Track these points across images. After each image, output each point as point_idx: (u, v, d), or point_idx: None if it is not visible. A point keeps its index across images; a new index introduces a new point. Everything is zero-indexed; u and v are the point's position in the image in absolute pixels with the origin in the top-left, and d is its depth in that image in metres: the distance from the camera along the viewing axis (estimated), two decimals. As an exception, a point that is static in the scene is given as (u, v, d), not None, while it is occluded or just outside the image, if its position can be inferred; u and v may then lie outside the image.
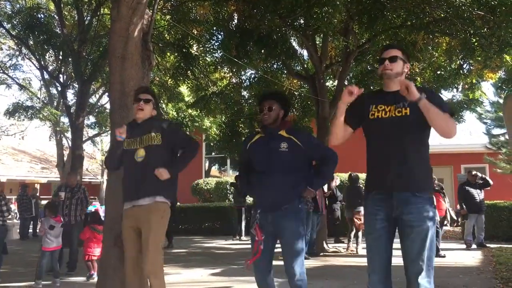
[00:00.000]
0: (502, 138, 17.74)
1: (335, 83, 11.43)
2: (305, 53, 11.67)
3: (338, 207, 10.94)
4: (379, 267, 2.79)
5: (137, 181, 3.58)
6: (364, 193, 2.99)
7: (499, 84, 11.24)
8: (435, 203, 2.89)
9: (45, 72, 15.76)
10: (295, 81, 12.19)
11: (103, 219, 7.09)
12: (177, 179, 3.76)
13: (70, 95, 19.69)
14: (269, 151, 3.38)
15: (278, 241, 3.41)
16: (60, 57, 14.14)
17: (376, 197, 2.84)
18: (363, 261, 2.94)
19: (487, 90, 23.54)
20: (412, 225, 2.70)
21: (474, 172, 10.18)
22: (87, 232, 6.73)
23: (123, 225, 3.72)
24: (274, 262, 3.48)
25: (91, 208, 18.48)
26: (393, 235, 2.84)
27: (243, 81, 12.31)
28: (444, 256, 8.41)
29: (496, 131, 19.31)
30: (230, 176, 19.11)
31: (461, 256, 8.56)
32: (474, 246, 9.73)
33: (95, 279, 6.59)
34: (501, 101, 16.33)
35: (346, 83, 11.25)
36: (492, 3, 7.27)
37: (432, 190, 2.83)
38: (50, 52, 14.13)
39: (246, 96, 12.96)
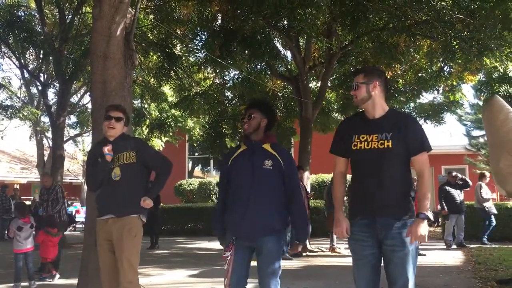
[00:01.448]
0: (481, 140, 18.03)
1: (318, 84, 11.49)
2: (288, 54, 11.71)
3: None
4: None
5: (116, 199, 3.57)
6: (348, 219, 2.99)
7: (479, 87, 11.43)
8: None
9: (25, 71, 15.50)
10: (278, 82, 12.22)
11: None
12: (163, 185, 3.83)
13: (51, 95, 19.40)
14: (252, 168, 3.13)
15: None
16: (41, 56, 13.95)
17: (361, 222, 2.87)
18: (346, 261, 2.97)
19: (467, 92, 23.93)
20: (394, 250, 2.76)
21: (454, 173, 10.33)
22: (42, 236, 6.77)
23: (98, 237, 3.69)
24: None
25: (71, 209, 18.33)
26: (380, 260, 2.88)
27: (227, 81, 12.30)
28: (424, 255, 8.52)
29: (475, 132, 19.64)
30: (213, 176, 19.06)
31: (442, 256, 8.67)
32: (454, 246, 9.86)
33: (57, 276, 6.79)
34: (480, 103, 16.62)
35: (329, 84, 11.34)
36: (472, 7, 7.39)
37: (413, 213, 2.85)
38: (31, 50, 13.93)
39: (230, 97, 12.95)
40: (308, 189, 9.74)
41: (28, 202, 18.64)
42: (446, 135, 19.15)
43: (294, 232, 3.30)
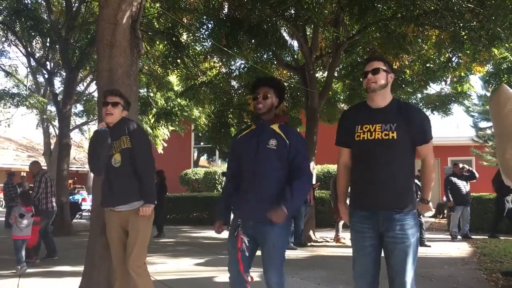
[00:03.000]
0: (489, 131, 17.93)
1: (325, 74, 11.43)
2: (295, 43, 11.65)
3: None
4: (366, 284, 2.84)
5: (118, 187, 3.55)
6: (350, 210, 2.98)
7: (487, 78, 11.31)
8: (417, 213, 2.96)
9: (32, 59, 15.52)
10: (284, 72, 12.17)
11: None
12: (153, 184, 3.74)
13: (57, 83, 19.47)
14: (257, 145, 3.07)
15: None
16: (48, 44, 13.92)
17: (362, 213, 2.87)
18: (351, 252, 2.95)
19: (475, 84, 23.70)
20: (396, 242, 2.75)
21: (461, 165, 10.28)
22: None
23: (109, 224, 3.69)
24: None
25: (78, 197, 18.44)
26: (381, 251, 2.88)
27: (233, 71, 12.24)
28: (429, 246, 8.52)
29: (483, 124, 19.54)
30: (218, 166, 19.09)
31: (447, 247, 8.66)
32: (459, 237, 9.85)
33: (37, 261, 6.97)
34: (488, 94, 16.48)
35: (335, 74, 11.27)
36: (482, -4, 7.30)
37: (415, 205, 2.86)
38: (37, 38, 13.88)
39: (236, 86, 12.90)
40: (314, 180, 9.72)
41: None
42: (453, 126, 19.07)
43: (282, 198, 2.96)
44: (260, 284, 3.45)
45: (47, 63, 15.39)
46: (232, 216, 3.26)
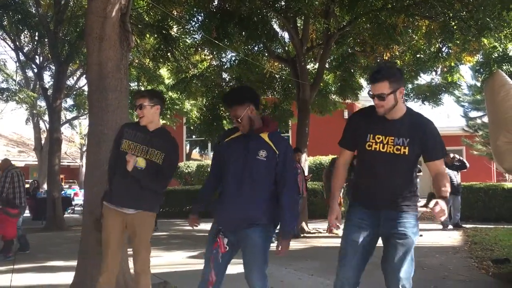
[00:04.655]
0: (479, 121, 18.09)
1: (316, 65, 11.43)
2: (286, 35, 11.62)
3: None
4: (350, 275, 2.85)
5: (136, 191, 3.47)
6: (350, 201, 3.01)
7: (477, 68, 11.37)
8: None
9: (20, 53, 15.35)
10: (276, 64, 12.14)
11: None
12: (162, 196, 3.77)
13: (47, 77, 19.23)
14: (246, 156, 2.99)
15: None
16: (36, 38, 13.77)
17: (363, 210, 2.87)
18: (343, 242, 2.97)
19: (465, 74, 23.84)
20: (399, 238, 2.76)
21: (452, 155, 10.35)
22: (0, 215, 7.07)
23: (109, 220, 3.59)
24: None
25: (70, 192, 18.37)
26: (373, 249, 2.89)
27: (224, 63, 12.20)
28: (421, 236, 8.58)
29: (473, 114, 19.70)
30: (211, 159, 19.07)
31: (438, 236, 8.75)
32: (450, 226, 9.95)
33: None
34: (478, 84, 16.60)
35: (327, 66, 11.27)
36: (471, -14, 7.32)
37: (417, 205, 2.88)
38: (26, 32, 13.75)
39: (227, 79, 12.86)
40: (306, 172, 9.75)
41: (26, 185, 18.67)
42: (444, 117, 19.17)
43: (280, 225, 3.06)
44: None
45: (36, 57, 15.21)
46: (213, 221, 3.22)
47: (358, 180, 2.99)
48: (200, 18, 10.08)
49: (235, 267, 3.13)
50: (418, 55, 10.86)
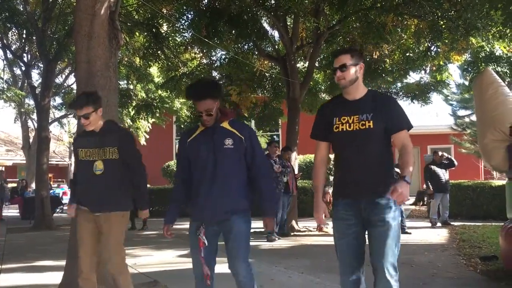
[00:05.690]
0: (467, 119, 18.26)
1: (306, 64, 11.44)
2: (276, 34, 11.62)
3: None
4: (351, 270, 2.86)
5: (97, 194, 3.51)
6: (333, 201, 3.02)
7: (465, 67, 11.48)
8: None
9: (8, 51, 15.20)
10: (266, 62, 12.13)
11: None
12: (147, 191, 3.84)
13: (35, 75, 19.13)
14: (213, 148, 3.02)
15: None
16: (24, 36, 13.63)
17: (345, 201, 2.89)
18: (333, 240, 2.98)
19: (454, 72, 24.00)
20: (377, 225, 2.77)
21: (440, 153, 10.43)
22: None
23: (82, 220, 3.62)
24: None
25: (58, 191, 18.23)
26: (364, 238, 2.90)
27: (214, 61, 12.18)
28: (410, 233, 8.66)
29: (461, 112, 19.87)
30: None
31: (427, 234, 8.81)
32: (439, 224, 10.03)
33: None
34: (467, 83, 16.73)
35: (316, 65, 11.29)
36: (459, -15, 7.37)
37: None
38: (13, 30, 13.62)
39: (217, 77, 12.83)
40: (296, 170, 9.77)
41: (14, 184, 18.52)
42: (432, 115, 19.31)
43: (262, 206, 3.14)
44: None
45: (24, 55, 15.09)
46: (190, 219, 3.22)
47: (336, 175, 3.01)
48: (190, 16, 10.06)
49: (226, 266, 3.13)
50: (407, 54, 10.92)
